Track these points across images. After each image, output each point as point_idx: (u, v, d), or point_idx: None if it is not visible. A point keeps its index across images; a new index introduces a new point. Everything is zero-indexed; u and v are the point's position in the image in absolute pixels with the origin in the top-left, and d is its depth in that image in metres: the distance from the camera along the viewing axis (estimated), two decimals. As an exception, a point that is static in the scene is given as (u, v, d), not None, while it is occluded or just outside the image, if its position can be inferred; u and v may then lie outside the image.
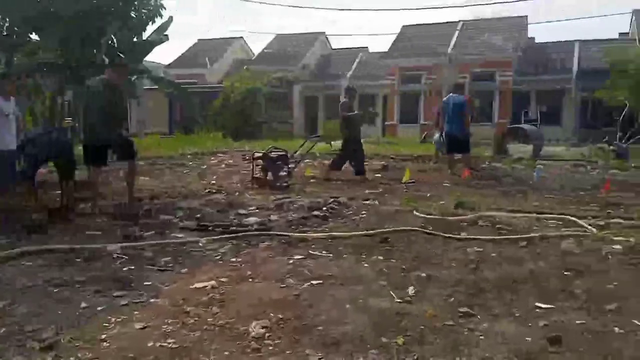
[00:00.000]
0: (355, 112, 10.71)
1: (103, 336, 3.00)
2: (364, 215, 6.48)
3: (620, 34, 29.34)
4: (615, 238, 5.10)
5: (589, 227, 5.63)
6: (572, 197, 8.06)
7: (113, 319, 3.25)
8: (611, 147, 14.89)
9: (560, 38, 27.48)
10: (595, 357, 2.77)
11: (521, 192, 8.60)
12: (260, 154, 9.69)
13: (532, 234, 5.36)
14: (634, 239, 5.03)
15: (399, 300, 3.60)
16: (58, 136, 7.04)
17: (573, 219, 6.05)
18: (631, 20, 27.95)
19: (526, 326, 3.18)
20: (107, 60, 11.66)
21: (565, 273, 4.17)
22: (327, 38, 35.57)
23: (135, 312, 3.36)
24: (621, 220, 6.04)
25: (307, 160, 12.42)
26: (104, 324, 3.18)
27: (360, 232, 5.50)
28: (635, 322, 3.20)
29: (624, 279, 4.00)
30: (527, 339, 2.99)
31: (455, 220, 6.12)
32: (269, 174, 9.23)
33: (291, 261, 4.54)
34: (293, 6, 72.71)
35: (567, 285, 3.88)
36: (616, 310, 3.40)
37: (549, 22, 48.04)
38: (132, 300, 3.59)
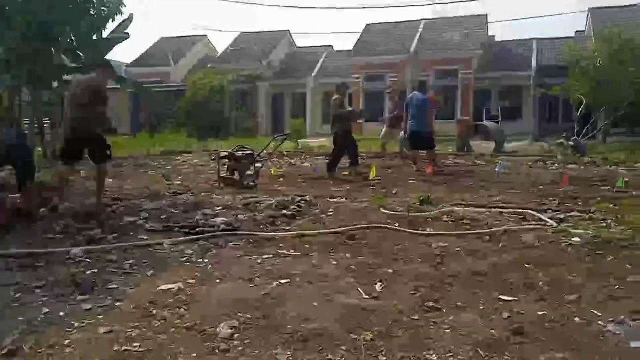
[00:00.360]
0: (348, 109, 10.79)
1: (66, 342, 2.93)
2: (332, 213, 6.51)
3: (577, 31, 30.25)
4: (574, 231, 5.27)
5: (549, 220, 5.80)
6: (532, 191, 8.28)
7: (76, 324, 3.18)
8: (570, 143, 15.34)
9: (519, 36, 28.15)
10: (557, 347, 2.86)
11: (484, 187, 8.78)
12: (227, 154, 9.61)
13: (495, 229, 5.49)
14: (591, 231, 5.21)
15: (366, 297, 3.64)
16: (16, 138, 6.82)
17: (534, 213, 6.22)
18: (587, 18, 28.84)
19: (490, 319, 3.26)
20: (65, 59, 11.37)
21: (527, 266, 4.29)
22: (291, 36, 35.51)
23: (100, 317, 3.30)
24: (579, 214, 6.24)
25: (275, 159, 12.39)
26: (67, 330, 3.11)
27: (328, 230, 5.53)
28: (595, 312, 3.32)
29: (582, 270, 4.14)
30: (491, 331, 3.06)
31: (421, 216, 6.22)
32: (236, 173, 9.17)
33: (259, 261, 4.53)
34: (257, 4, 72.42)
35: (529, 278, 3.99)
36: (576, 301, 3.52)
37: (508, 20, 49.23)
38: (96, 304, 3.52)
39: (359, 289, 3.77)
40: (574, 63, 19.55)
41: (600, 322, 3.17)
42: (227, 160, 9.46)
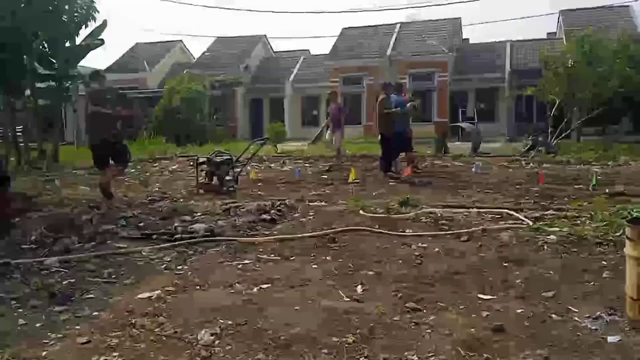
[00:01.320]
0: (395, 108, 10.69)
1: (44, 353, 2.88)
2: (312, 217, 6.51)
3: (548, 33, 30.83)
4: (550, 229, 5.36)
5: (525, 219, 5.88)
6: (509, 191, 8.40)
7: (53, 335, 3.12)
8: (539, 148, 15.55)
9: (492, 39, 28.60)
10: (535, 344, 2.91)
11: (462, 188, 8.88)
12: (205, 159, 9.54)
13: (473, 228, 5.55)
14: (566, 229, 5.30)
15: (347, 299, 3.64)
16: None
17: (510, 212, 6.31)
18: (558, 20, 29.40)
19: (470, 317, 3.29)
20: (39, 67, 11.21)
21: (504, 264, 4.34)
22: (268, 40, 35.47)
23: (77, 327, 3.25)
24: (554, 212, 6.35)
25: (254, 164, 12.35)
26: (45, 341, 3.05)
27: (308, 234, 5.52)
28: (571, 308, 3.38)
29: (558, 267, 4.21)
30: (471, 329, 3.09)
31: (400, 217, 6.26)
32: (215, 178, 9.10)
33: (240, 266, 4.50)
34: (232, 9, 72.21)
35: (507, 276, 4.05)
36: (553, 298, 3.58)
37: (482, 23, 50.11)
38: (73, 314, 3.46)
39: (340, 292, 3.78)
40: (546, 64, 19.92)
41: (577, 318, 3.22)
42: (205, 166, 9.39)
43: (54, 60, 12.01)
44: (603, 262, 4.30)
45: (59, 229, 5.95)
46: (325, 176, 11.00)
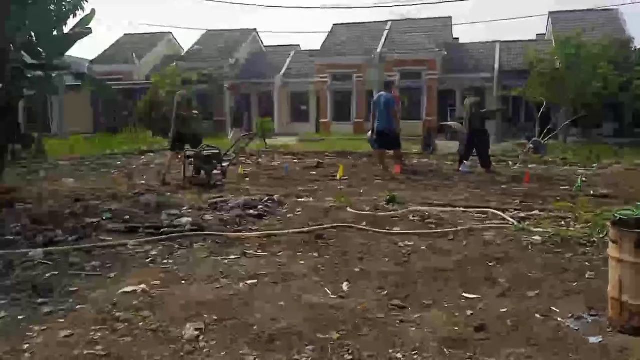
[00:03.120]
0: (485, 110, 11.16)
1: (26, 346, 2.85)
2: (299, 213, 6.51)
3: (538, 35, 31.07)
4: (534, 229, 5.41)
5: (511, 219, 5.94)
6: (495, 190, 8.46)
7: (36, 328, 3.09)
8: (530, 146, 15.71)
9: (482, 39, 28.79)
10: (518, 342, 2.93)
11: (449, 186, 8.93)
12: (193, 153, 9.48)
13: (459, 227, 5.59)
14: (551, 229, 5.36)
15: (333, 296, 3.65)
16: None
17: (496, 212, 6.36)
18: (547, 21, 29.64)
19: (454, 315, 3.32)
20: (26, 56, 11.03)
21: (489, 263, 4.38)
22: (258, 35, 35.32)
23: (60, 320, 3.22)
24: (539, 212, 6.41)
25: (242, 158, 12.30)
26: (27, 334, 3.02)
27: (295, 230, 5.52)
28: (554, 307, 3.42)
29: (542, 267, 4.25)
30: (455, 327, 3.12)
31: (387, 215, 6.28)
32: (202, 172, 9.06)
33: (226, 261, 4.49)
34: (223, 2, 71.79)
35: (491, 275, 4.08)
36: (536, 297, 3.62)
37: (472, 23, 50.34)
38: (57, 307, 3.43)
39: (326, 288, 3.79)
40: (534, 65, 20.08)
41: (559, 318, 3.26)
42: (192, 160, 9.33)
43: (42, 50, 11.82)
44: (586, 263, 4.36)
45: (43, 222, 5.88)
46: (314, 172, 11.00)
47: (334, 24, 31.23)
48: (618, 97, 19.65)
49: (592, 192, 8.03)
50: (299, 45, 34.46)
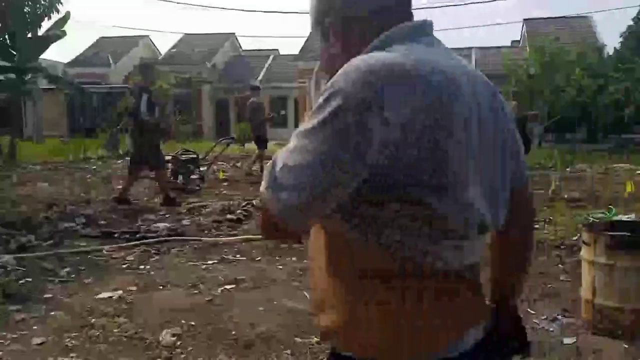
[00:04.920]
0: (525, 114, 11.40)
1: (-3, 354, 2.79)
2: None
3: (513, 41, 31.60)
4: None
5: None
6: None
7: (9, 336, 3.02)
8: None
9: (458, 45, 29.11)
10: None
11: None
12: (170, 157, 9.39)
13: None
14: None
15: (312, 300, 3.65)
16: None
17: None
18: (522, 28, 30.17)
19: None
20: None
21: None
22: (237, 39, 35.21)
23: (34, 327, 3.15)
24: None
25: (220, 163, 12.23)
26: (0, 341, 2.95)
27: (273, 234, 5.49)
28: (529, 310, 3.47)
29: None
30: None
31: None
32: (180, 177, 8.97)
33: (204, 266, 4.45)
34: (201, 6, 71.39)
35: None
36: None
37: (448, 29, 51.05)
38: (30, 314, 3.36)
39: (305, 293, 3.78)
40: (510, 71, 20.42)
41: (534, 320, 3.31)
42: (170, 164, 9.24)
43: (14, 52, 11.63)
44: (560, 265, 4.43)
45: (16, 227, 5.76)
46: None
47: (313, 29, 31.31)
48: (592, 103, 20.09)
49: (565, 196, 8.18)
50: (277, 49, 34.46)
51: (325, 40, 1.05)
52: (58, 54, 42.48)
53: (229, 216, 6.41)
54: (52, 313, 3.39)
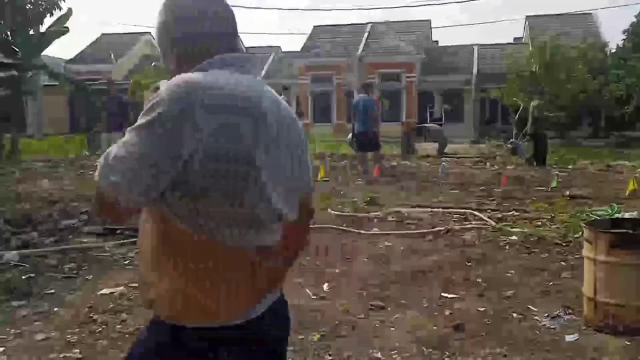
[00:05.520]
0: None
1: (1, 349, 2.80)
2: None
3: (515, 38, 31.53)
4: (512, 229, 5.49)
5: (489, 219, 6.01)
6: (473, 191, 8.56)
7: (12, 331, 3.04)
8: (508, 145, 15.92)
9: (460, 42, 29.09)
10: (495, 341, 2.98)
11: (428, 188, 9.00)
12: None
13: (438, 228, 5.64)
14: (527, 230, 5.45)
15: (314, 297, 3.66)
16: None
17: (474, 212, 6.43)
18: (524, 25, 30.09)
19: (433, 315, 3.35)
20: (1, 55, 10.83)
21: (467, 263, 4.43)
22: (239, 36, 35.15)
23: (37, 323, 3.17)
24: (516, 213, 6.50)
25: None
26: (2, 337, 2.97)
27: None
28: (530, 307, 3.47)
29: (519, 267, 4.32)
30: (434, 327, 3.15)
31: (368, 216, 6.30)
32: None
33: (205, 263, 4.45)
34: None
35: (469, 275, 4.13)
36: (513, 297, 3.67)
37: (451, 26, 51.02)
38: (33, 310, 3.37)
39: (307, 289, 3.79)
40: (511, 68, 20.37)
41: (535, 317, 3.32)
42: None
43: (17, 49, 11.63)
44: (562, 262, 4.43)
45: (18, 224, 5.77)
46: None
47: (315, 26, 31.27)
48: (594, 100, 20.04)
49: (567, 193, 8.17)
50: (279, 46, 34.42)
51: (164, 59, 1.30)
52: (59, 50, 42.48)
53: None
54: (55, 309, 3.40)
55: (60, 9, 12.12)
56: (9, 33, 11.22)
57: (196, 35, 1.23)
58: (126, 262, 4.53)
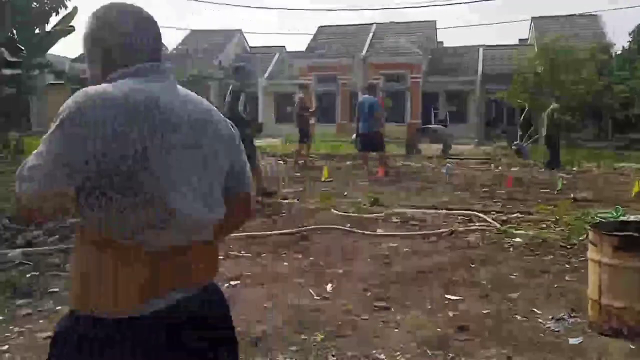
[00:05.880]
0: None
1: (5, 347, 2.81)
2: (283, 214, 6.50)
3: (520, 39, 31.45)
4: (516, 231, 5.47)
5: (493, 221, 5.99)
6: (477, 193, 8.54)
7: (15, 330, 3.04)
8: (513, 147, 15.90)
9: (466, 43, 29.05)
10: (499, 342, 2.97)
11: (432, 189, 8.98)
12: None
13: (442, 229, 5.63)
14: (532, 232, 5.43)
15: (317, 297, 3.65)
16: None
17: (479, 214, 6.42)
18: (530, 27, 30.01)
19: (436, 316, 3.34)
20: (7, 54, 10.87)
21: (471, 265, 4.42)
22: (244, 36, 35.20)
23: (40, 321, 3.17)
24: (521, 215, 6.48)
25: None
26: (6, 335, 2.97)
27: (279, 231, 5.51)
28: (534, 309, 3.46)
29: (523, 269, 4.30)
30: (437, 328, 3.14)
31: (371, 217, 6.30)
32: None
33: (208, 262, 4.45)
34: (209, 2, 71.43)
35: (473, 276, 4.12)
36: (517, 299, 3.66)
37: (457, 27, 50.92)
38: (36, 308, 3.38)
39: (310, 290, 3.79)
40: (517, 70, 20.32)
41: (539, 319, 3.30)
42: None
43: (22, 48, 11.67)
44: (566, 265, 4.42)
45: (22, 222, 5.78)
46: (299, 174, 10.98)
47: (319, 26, 31.29)
48: (599, 102, 19.98)
49: (572, 195, 8.14)
50: (284, 46, 34.44)
51: (89, 64, 1.37)
52: (64, 49, 42.57)
53: (234, 212, 6.40)
54: (58, 307, 3.40)
55: (65, 7, 12.18)
56: (14, 31, 11.27)
57: (119, 46, 1.30)
58: (130, 260, 4.53)
